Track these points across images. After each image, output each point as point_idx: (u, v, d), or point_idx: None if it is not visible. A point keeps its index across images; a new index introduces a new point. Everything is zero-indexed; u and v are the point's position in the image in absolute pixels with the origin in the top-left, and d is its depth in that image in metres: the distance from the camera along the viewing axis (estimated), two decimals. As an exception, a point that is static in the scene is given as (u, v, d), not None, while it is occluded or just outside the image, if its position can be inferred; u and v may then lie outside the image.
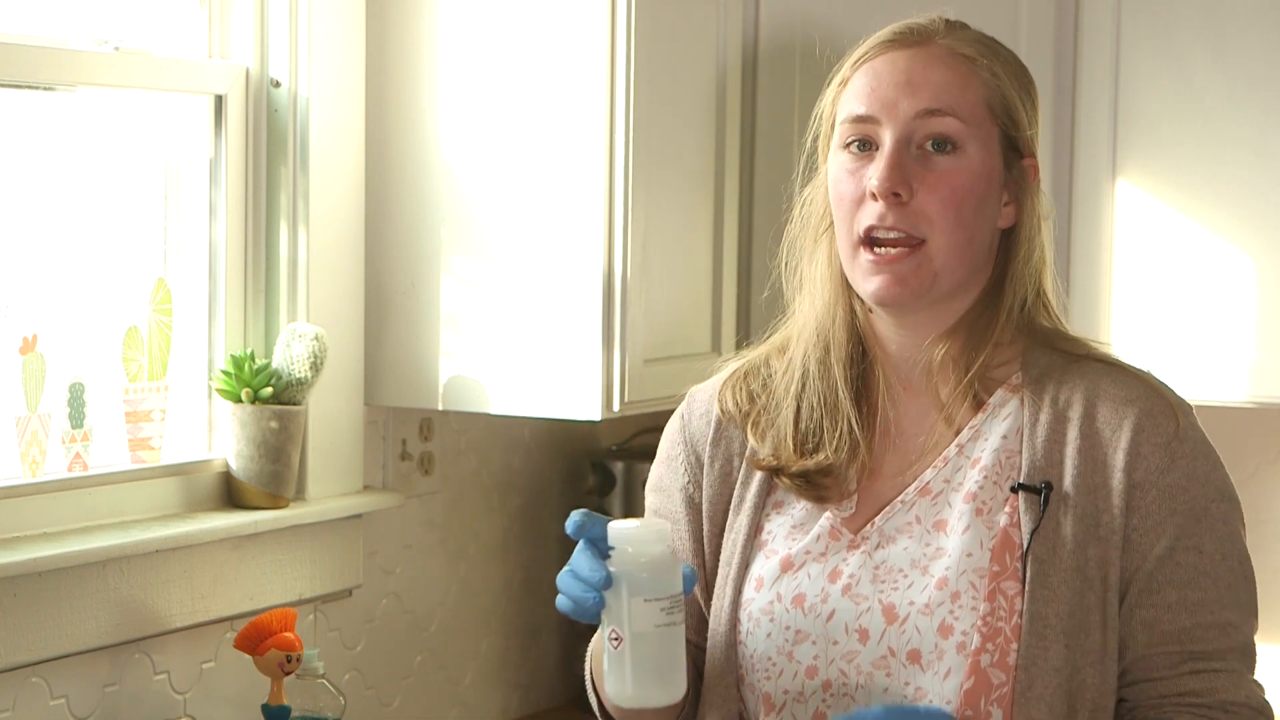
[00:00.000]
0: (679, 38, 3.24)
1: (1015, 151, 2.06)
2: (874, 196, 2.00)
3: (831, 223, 2.08)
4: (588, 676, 2.18)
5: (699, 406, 2.18)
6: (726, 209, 3.39)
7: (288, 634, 2.89)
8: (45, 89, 2.82)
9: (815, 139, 2.11)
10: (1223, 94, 3.39)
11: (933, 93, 2.01)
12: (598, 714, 2.17)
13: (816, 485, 2.07)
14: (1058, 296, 2.12)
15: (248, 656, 2.89)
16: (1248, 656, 2.02)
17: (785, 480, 2.08)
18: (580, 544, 1.93)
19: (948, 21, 2.07)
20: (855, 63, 2.07)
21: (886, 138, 2.01)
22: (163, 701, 2.93)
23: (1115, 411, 2.01)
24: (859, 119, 2.03)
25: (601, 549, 1.92)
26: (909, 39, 2.05)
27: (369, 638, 3.34)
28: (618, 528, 1.92)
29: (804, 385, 2.10)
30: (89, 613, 2.76)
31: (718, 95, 3.36)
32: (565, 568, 1.94)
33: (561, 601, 1.94)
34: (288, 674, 2.90)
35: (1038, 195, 2.08)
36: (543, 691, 3.74)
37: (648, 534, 1.92)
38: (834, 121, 2.07)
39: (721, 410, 2.15)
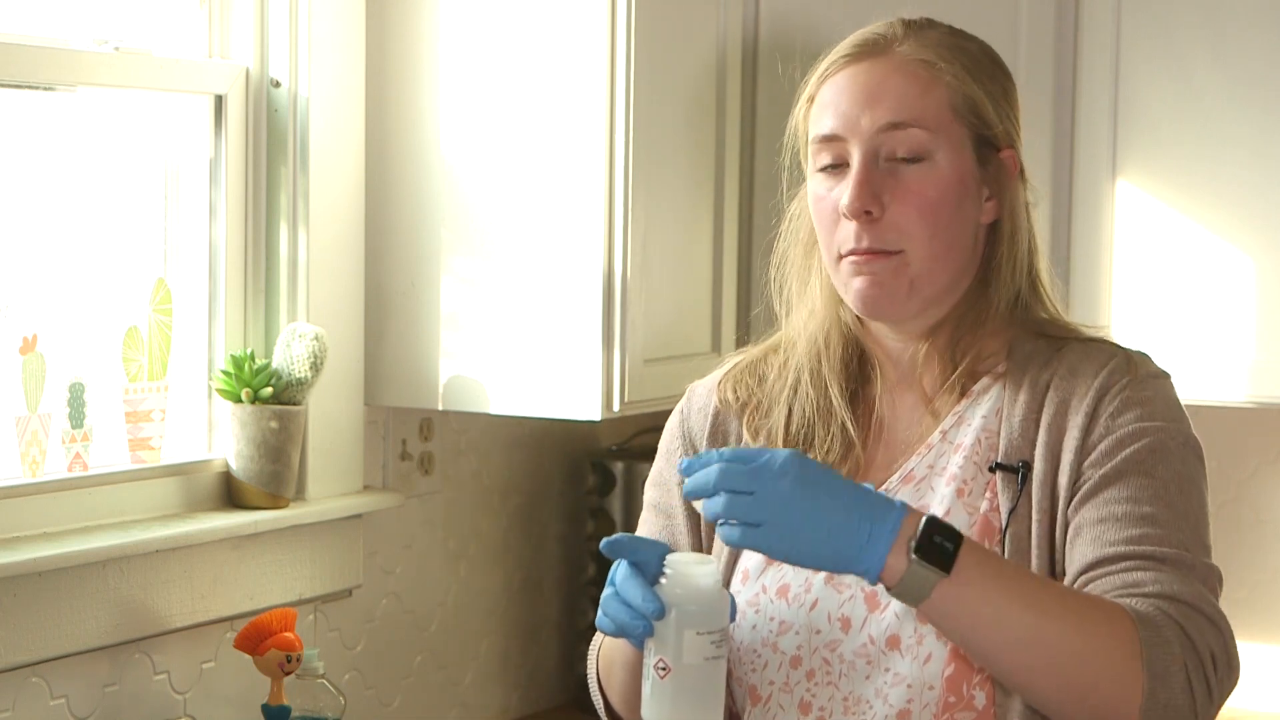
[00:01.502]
0: (679, 37, 3.24)
1: (990, 147, 2.05)
2: (846, 216, 2.00)
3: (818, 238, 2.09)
4: (593, 680, 2.18)
5: (698, 401, 2.19)
6: (726, 209, 3.39)
7: (288, 634, 2.89)
8: (45, 89, 2.82)
9: (794, 154, 2.11)
10: (1223, 94, 3.39)
11: (893, 105, 2.00)
12: (603, 715, 2.17)
13: None
14: (1053, 284, 2.12)
15: (248, 656, 2.89)
16: (1208, 580, 1.91)
17: None
18: (624, 567, 1.91)
19: (907, 24, 2.05)
20: (819, 78, 2.06)
21: (854, 155, 2.01)
22: (163, 701, 2.93)
23: (1083, 381, 2.00)
24: (825, 139, 2.03)
25: (648, 574, 1.91)
26: (867, 50, 2.04)
27: (369, 638, 3.34)
28: (670, 558, 1.91)
29: (796, 390, 2.11)
30: (89, 613, 2.76)
31: (718, 95, 3.36)
32: (610, 588, 1.92)
33: (604, 623, 1.93)
34: (288, 674, 2.90)
35: (1020, 186, 2.08)
36: (543, 691, 3.74)
37: (699, 566, 1.91)
38: (807, 139, 2.07)
39: (721, 401, 2.15)
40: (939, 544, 1.83)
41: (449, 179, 3.19)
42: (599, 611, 1.94)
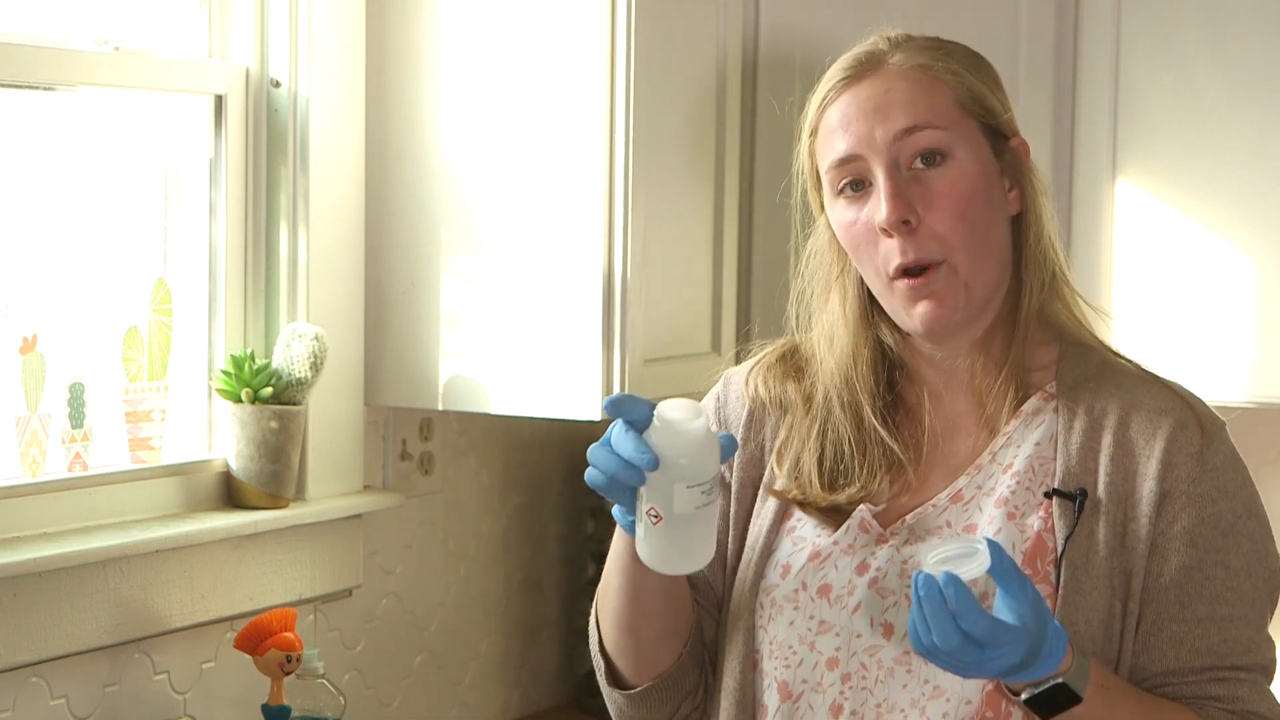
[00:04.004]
0: (679, 37, 3.24)
1: (1000, 137, 2.05)
2: (885, 232, 1.99)
3: (842, 269, 2.08)
4: (593, 636, 2.15)
5: (735, 389, 2.17)
6: (726, 209, 3.39)
7: (288, 634, 2.89)
8: (45, 89, 2.82)
9: (803, 194, 2.10)
10: (1223, 94, 3.39)
11: (902, 111, 2.00)
12: (602, 676, 2.15)
13: (846, 514, 2.06)
14: (1072, 274, 2.11)
15: (248, 656, 2.89)
16: (1268, 673, 2.03)
17: (812, 512, 2.08)
18: (619, 423, 1.92)
19: (891, 39, 2.05)
20: (819, 108, 2.05)
21: (876, 170, 2.00)
22: (163, 701, 2.93)
23: (1149, 421, 2.01)
24: (842, 161, 2.02)
25: (641, 429, 1.90)
26: (861, 70, 2.03)
27: (369, 638, 3.34)
28: (660, 409, 1.91)
29: (826, 425, 2.09)
30: (89, 613, 2.76)
31: (718, 95, 3.36)
32: (600, 443, 1.93)
33: (593, 475, 1.93)
34: (288, 674, 2.90)
35: (1034, 172, 2.08)
36: (543, 691, 3.74)
37: (688, 413, 1.91)
38: (818, 173, 2.06)
39: (751, 397, 2.14)
40: (1057, 700, 1.90)
41: (449, 179, 3.19)
42: (589, 468, 1.93)
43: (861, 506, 2.06)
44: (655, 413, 1.91)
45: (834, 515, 2.07)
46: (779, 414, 2.13)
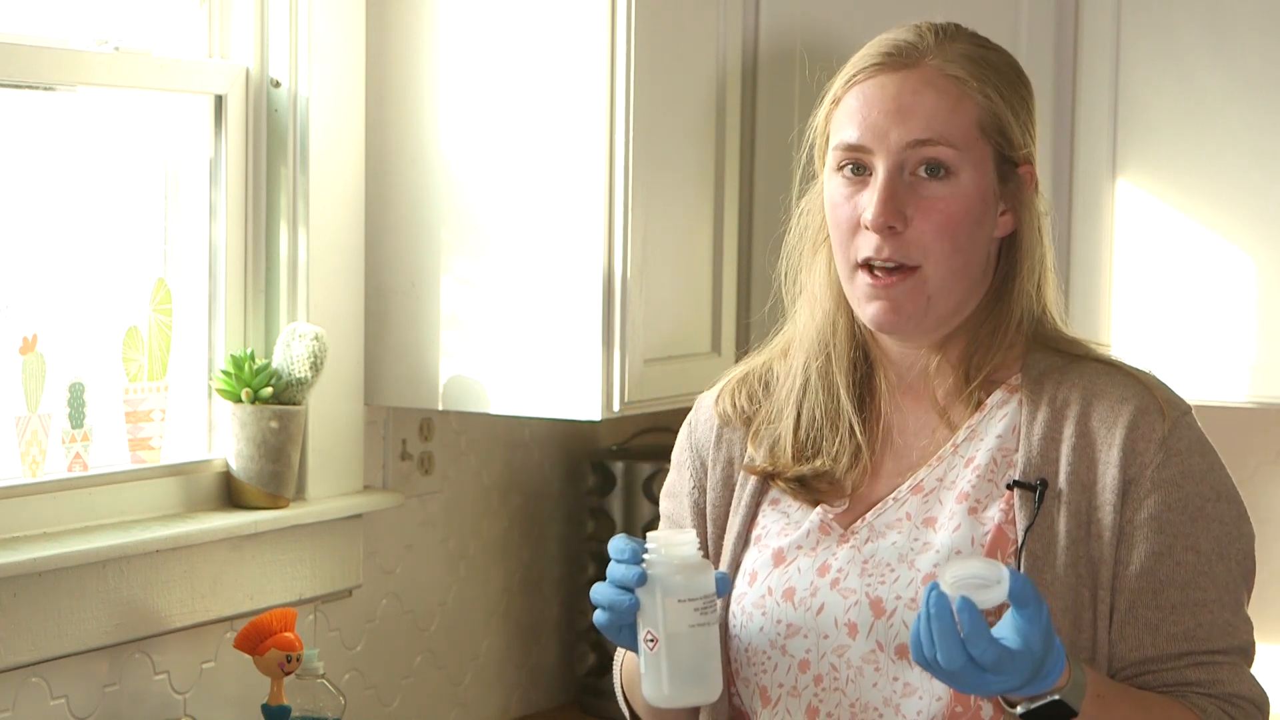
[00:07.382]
0: (679, 38, 3.24)
1: (1010, 164, 2.05)
2: (869, 229, 2.00)
3: (829, 234, 2.08)
4: (620, 697, 2.19)
5: (704, 413, 2.20)
6: (726, 209, 3.39)
7: (288, 634, 2.89)
8: (45, 89, 2.82)
9: (811, 150, 2.11)
10: (1223, 94, 3.39)
11: (923, 121, 1.99)
12: None
13: (812, 489, 2.08)
14: (1057, 298, 2.12)
15: (248, 656, 2.89)
16: (1247, 654, 2.03)
17: (781, 484, 2.09)
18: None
19: (938, 33, 2.04)
20: (847, 82, 2.05)
21: (879, 167, 2.00)
22: (163, 701, 2.93)
23: (1110, 410, 2.01)
24: (850, 147, 2.02)
25: (633, 557, 1.96)
26: (898, 61, 2.02)
27: (369, 638, 3.34)
28: (650, 534, 1.96)
29: (805, 392, 2.11)
30: (89, 613, 2.77)
31: (718, 95, 3.36)
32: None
33: (598, 616, 1.97)
34: (288, 674, 2.90)
35: (1036, 200, 2.08)
36: (543, 691, 3.74)
37: (677, 536, 1.96)
38: (828, 140, 2.07)
39: (719, 415, 2.16)
40: (1052, 716, 1.90)
41: (449, 179, 3.19)
42: (594, 612, 1.98)
43: (820, 509, 2.07)
44: (646, 536, 1.97)
45: (799, 491, 2.08)
46: (745, 428, 2.14)
